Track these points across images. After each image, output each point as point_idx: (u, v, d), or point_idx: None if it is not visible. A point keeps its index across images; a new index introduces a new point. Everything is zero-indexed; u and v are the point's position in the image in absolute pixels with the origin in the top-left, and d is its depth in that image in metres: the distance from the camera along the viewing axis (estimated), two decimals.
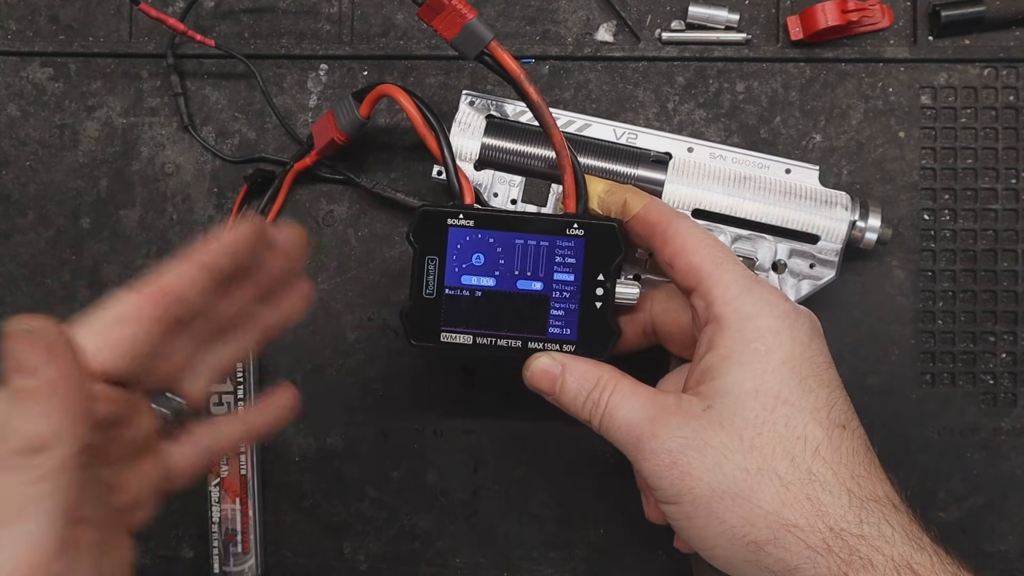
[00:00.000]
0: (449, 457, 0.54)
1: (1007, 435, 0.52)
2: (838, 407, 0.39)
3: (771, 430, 0.37)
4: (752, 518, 0.37)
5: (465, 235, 0.42)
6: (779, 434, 0.37)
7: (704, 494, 0.37)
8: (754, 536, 0.36)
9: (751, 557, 0.37)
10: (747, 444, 0.37)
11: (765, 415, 0.38)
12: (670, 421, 0.38)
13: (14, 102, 0.55)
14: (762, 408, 0.38)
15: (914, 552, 0.36)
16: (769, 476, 0.37)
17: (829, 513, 0.36)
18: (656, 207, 0.42)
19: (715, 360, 0.39)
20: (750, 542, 0.37)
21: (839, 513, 0.36)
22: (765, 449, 0.37)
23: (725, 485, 0.37)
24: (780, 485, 0.37)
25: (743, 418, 0.38)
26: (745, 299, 0.39)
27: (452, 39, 0.43)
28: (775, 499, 0.37)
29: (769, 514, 0.36)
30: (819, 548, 0.36)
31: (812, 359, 0.39)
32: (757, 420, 0.37)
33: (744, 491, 0.37)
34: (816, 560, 0.36)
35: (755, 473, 0.37)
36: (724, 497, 0.37)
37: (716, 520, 0.37)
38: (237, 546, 0.52)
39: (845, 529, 0.36)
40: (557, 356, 0.42)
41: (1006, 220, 0.52)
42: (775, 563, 0.36)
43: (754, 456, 0.37)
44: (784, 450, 0.37)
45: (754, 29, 0.53)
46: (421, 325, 0.43)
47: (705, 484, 0.37)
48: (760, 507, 0.37)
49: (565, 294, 0.42)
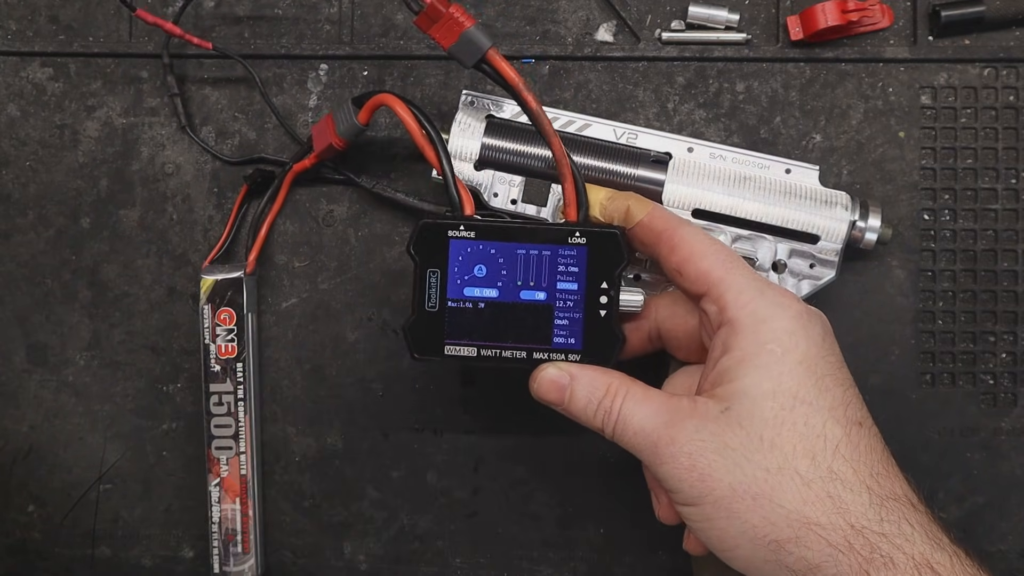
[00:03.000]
0: (449, 457, 0.54)
1: (1007, 435, 0.52)
2: (853, 405, 0.39)
3: (791, 429, 0.37)
4: (774, 517, 0.37)
5: (466, 247, 0.42)
6: (799, 433, 0.37)
7: (725, 495, 0.37)
8: (776, 535, 0.36)
9: (772, 557, 0.37)
10: (767, 444, 0.37)
11: (784, 415, 0.38)
12: (687, 424, 0.38)
13: (14, 102, 0.55)
14: (781, 408, 0.38)
15: (934, 552, 0.36)
16: (790, 475, 0.37)
17: (850, 511, 0.36)
18: (660, 214, 0.42)
19: (731, 363, 0.39)
20: (771, 541, 0.37)
21: (860, 511, 0.36)
22: (785, 448, 0.37)
23: (746, 485, 0.37)
24: (801, 484, 0.37)
25: (762, 418, 0.38)
26: (759, 302, 0.39)
27: (450, 48, 0.42)
28: (797, 498, 0.37)
29: (791, 513, 0.36)
30: (841, 546, 0.36)
31: (826, 358, 0.39)
32: (776, 420, 0.38)
33: (765, 490, 0.37)
34: (837, 558, 0.36)
35: (776, 472, 0.37)
36: (745, 497, 0.37)
37: (737, 521, 0.37)
38: (237, 546, 0.52)
39: (866, 527, 0.36)
40: (564, 366, 0.41)
41: (1006, 220, 0.52)
42: (796, 562, 0.36)
43: (775, 455, 0.37)
44: (805, 448, 0.37)
45: (754, 29, 0.53)
46: (424, 339, 0.42)
47: (726, 485, 0.37)
48: (782, 506, 0.37)
49: (569, 303, 0.42)
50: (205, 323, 0.52)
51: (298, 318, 0.54)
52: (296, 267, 0.54)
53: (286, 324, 0.54)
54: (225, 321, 0.52)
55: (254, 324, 0.53)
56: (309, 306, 0.54)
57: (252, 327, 0.52)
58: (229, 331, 0.52)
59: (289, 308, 0.54)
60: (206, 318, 0.52)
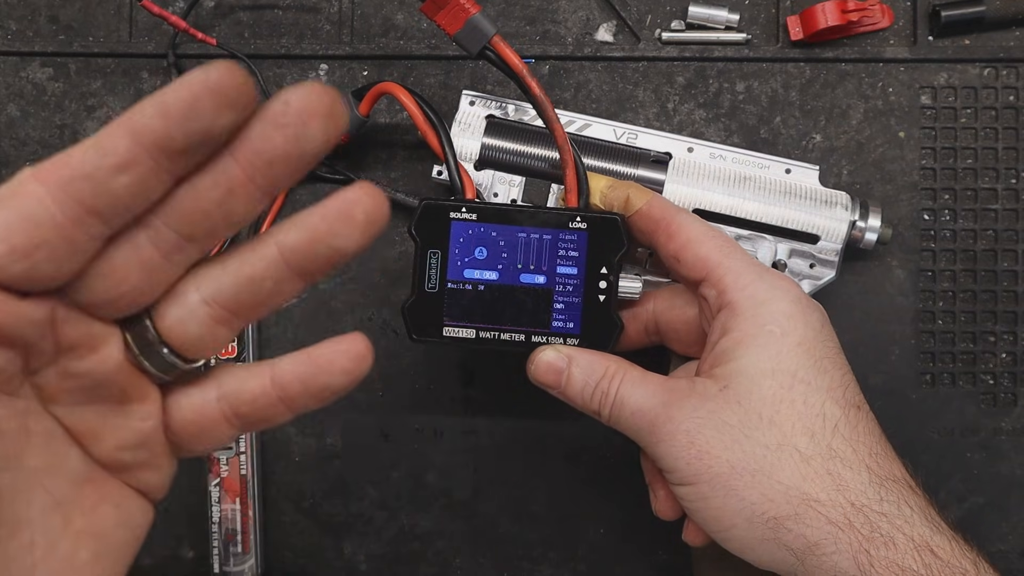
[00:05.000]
0: (449, 457, 0.54)
1: (1007, 435, 0.52)
2: (852, 388, 0.39)
3: (789, 407, 0.37)
4: (772, 494, 0.36)
5: (468, 228, 0.42)
6: (798, 411, 0.37)
7: (723, 472, 0.37)
8: (774, 512, 0.36)
9: (769, 535, 0.37)
10: (766, 421, 0.37)
11: (783, 393, 0.38)
12: (685, 404, 0.38)
13: (14, 102, 0.55)
14: (779, 386, 0.38)
15: (934, 535, 0.36)
16: (789, 451, 0.37)
17: (850, 488, 0.36)
18: (659, 203, 0.42)
19: (729, 344, 0.39)
20: (770, 519, 0.36)
21: (860, 489, 0.36)
22: (785, 425, 0.37)
23: (745, 462, 0.37)
24: (801, 460, 0.37)
25: (760, 396, 0.38)
26: (758, 285, 0.39)
27: (455, 34, 0.43)
28: (796, 474, 0.36)
29: (790, 489, 0.36)
30: (840, 523, 0.36)
31: (825, 343, 0.39)
32: (775, 398, 0.38)
33: (764, 467, 0.37)
34: (837, 536, 0.36)
35: (775, 449, 0.37)
36: (744, 474, 0.37)
37: (735, 498, 0.37)
38: (237, 546, 0.52)
39: (866, 505, 0.36)
40: (562, 349, 0.41)
41: (1006, 220, 0.52)
42: (794, 539, 0.36)
43: (774, 432, 0.37)
44: (804, 426, 0.37)
45: (754, 29, 0.53)
46: (423, 319, 0.42)
47: (724, 462, 0.37)
48: (781, 482, 0.36)
49: (568, 287, 0.42)
50: None
51: (298, 318, 0.54)
52: None
53: (286, 324, 0.54)
54: None
55: (254, 324, 0.53)
56: (309, 306, 0.54)
57: (252, 327, 0.52)
58: None
59: (289, 308, 0.54)
60: None
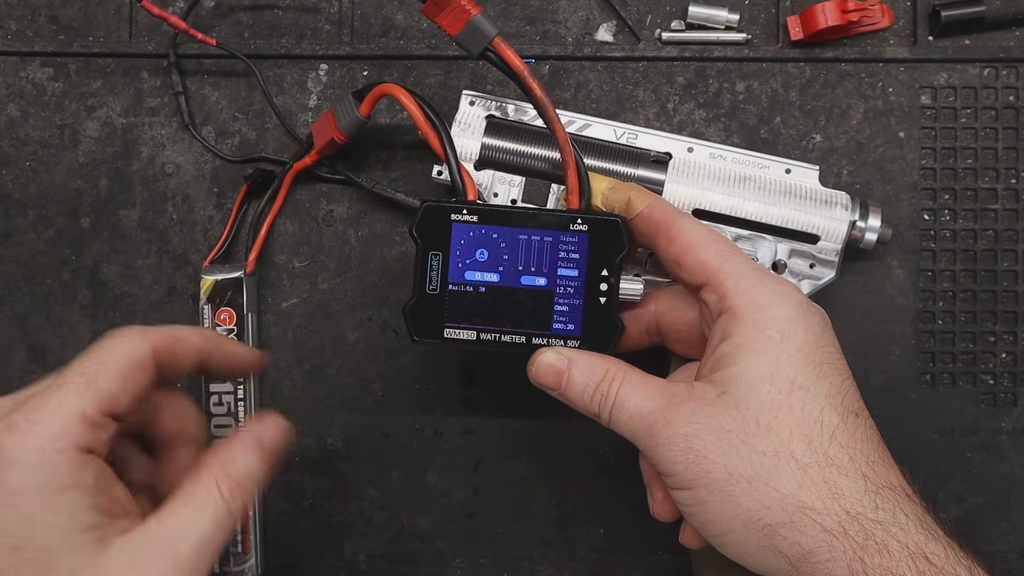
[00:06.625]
0: (449, 457, 0.54)
1: (1007, 435, 0.52)
2: (851, 395, 0.39)
3: (787, 413, 0.37)
4: (768, 501, 0.36)
5: (468, 230, 0.42)
6: (796, 417, 0.37)
7: (720, 477, 0.37)
8: (770, 519, 0.36)
9: (765, 542, 0.37)
10: (763, 427, 0.37)
11: (781, 399, 0.38)
12: (683, 408, 0.38)
13: (14, 102, 0.55)
14: (778, 392, 0.38)
15: (929, 542, 0.36)
16: (786, 459, 0.37)
17: (845, 496, 0.36)
18: (660, 206, 0.42)
19: (729, 348, 0.39)
20: (765, 525, 0.36)
21: (855, 497, 0.36)
22: (782, 432, 0.37)
23: (742, 468, 0.37)
24: (797, 468, 0.37)
25: (759, 402, 0.38)
26: (759, 290, 0.39)
27: (456, 35, 0.43)
28: (792, 481, 0.36)
29: (786, 496, 0.36)
30: (835, 531, 0.36)
31: (825, 348, 0.39)
32: (773, 404, 0.38)
33: (761, 473, 0.37)
34: (832, 544, 0.36)
35: (772, 455, 0.37)
36: (740, 480, 0.37)
37: (731, 504, 0.37)
38: (237, 546, 0.52)
39: (861, 513, 0.36)
40: (563, 351, 0.41)
41: (1006, 220, 0.52)
42: (789, 547, 0.36)
43: (771, 439, 0.37)
44: (801, 433, 0.37)
45: (754, 29, 0.53)
46: (424, 321, 0.42)
47: (721, 467, 0.37)
48: (777, 489, 0.36)
49: (569, 289, 0.42)
50: (205, 323, 0.52)
51: (298, 318, 0.54)
52: (296, 267, 0.54)
53: (286, 324, 0.54)
54: (225, 321, 0.52)
55: (254, 324, 0.53)
56: (309, 306, 0.54)
57: (252, 327, 0.52)
58: (229, 331, 0.52)
59: (289, 308, 0.54)
60: (206, 318, 0.52)
